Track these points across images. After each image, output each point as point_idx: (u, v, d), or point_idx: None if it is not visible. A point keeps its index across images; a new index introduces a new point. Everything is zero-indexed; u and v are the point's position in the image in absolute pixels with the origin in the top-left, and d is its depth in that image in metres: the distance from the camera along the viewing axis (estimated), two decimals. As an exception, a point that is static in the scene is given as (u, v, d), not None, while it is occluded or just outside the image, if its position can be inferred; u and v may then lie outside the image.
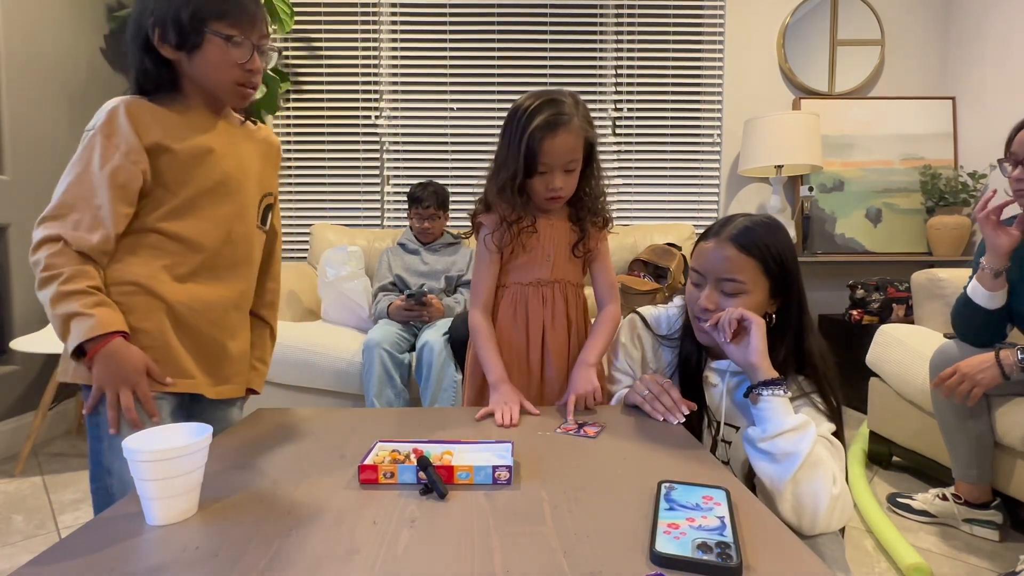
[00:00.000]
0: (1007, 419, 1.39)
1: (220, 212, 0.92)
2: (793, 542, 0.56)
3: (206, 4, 0.83)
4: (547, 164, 1.06)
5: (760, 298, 0.92)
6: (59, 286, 0.77)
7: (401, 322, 2.02)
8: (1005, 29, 2.68)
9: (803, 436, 0.79)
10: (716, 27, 2.96)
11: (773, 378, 0.84)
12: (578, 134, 1.06)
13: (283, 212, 2.97)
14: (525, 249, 1.15)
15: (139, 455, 0.59)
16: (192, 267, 0.90)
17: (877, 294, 2.48)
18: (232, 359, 0.97)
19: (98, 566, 0.52)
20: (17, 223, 2.08)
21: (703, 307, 0.94)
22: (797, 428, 0.80)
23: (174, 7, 0.83)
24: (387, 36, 2.93)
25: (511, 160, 1.07)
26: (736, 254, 0.90)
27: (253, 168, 0.99)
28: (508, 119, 1.09)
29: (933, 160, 2.92)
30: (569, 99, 1.06)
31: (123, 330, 0.81)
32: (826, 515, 0.77)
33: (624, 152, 3.00)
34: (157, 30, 0.84)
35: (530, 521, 0.60)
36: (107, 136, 0.82)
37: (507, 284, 1.18)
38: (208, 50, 0.85)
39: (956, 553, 1.39)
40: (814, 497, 0.77)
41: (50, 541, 1.45)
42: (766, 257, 0.90)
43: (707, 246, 0.94)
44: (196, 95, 0.91)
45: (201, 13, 0.83)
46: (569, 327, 1.18)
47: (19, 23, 2.08)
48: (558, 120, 1.03)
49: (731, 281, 0.91)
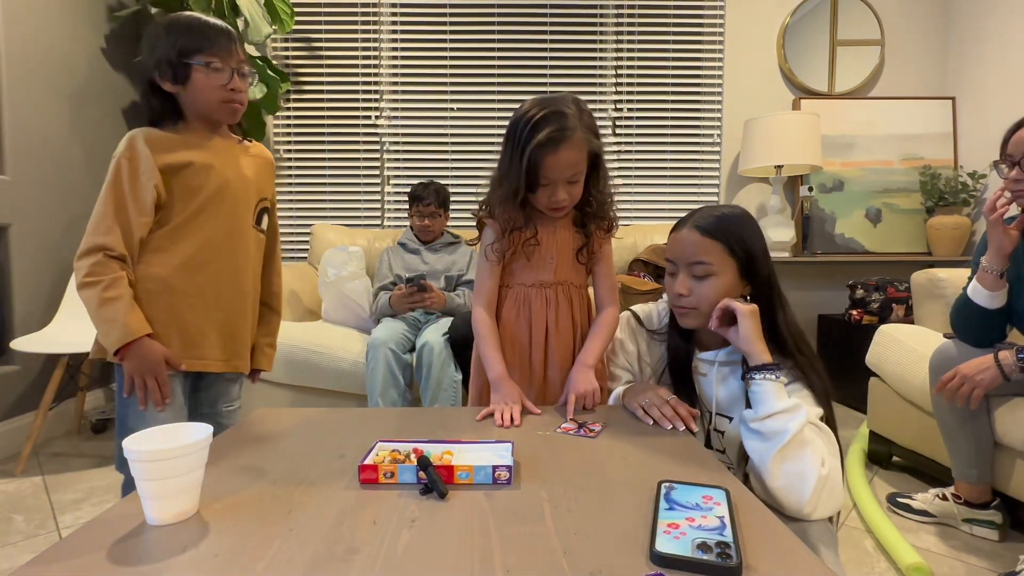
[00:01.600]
0: (1007, 419, 1.39)
1: (222, 215, 1.09)
2: (793, 542, 0.56)
3: (187, 43, 1.03)
4: (549, 178, 1.05)
5: (730, 279, 0.97)
6: (100, 292, 0.96)
7: (403, 312, 2.02)
8: (1005, 29, 2.68)
9: (792, 416, 0.82)
10: (716, 27, 2.96)
11: (766, 363, 0.87)
12: (581, 147, 1.04)
13: (283, 212, 2.98)
14: (527, 254, 1.15)
15: (139, 455, 0.59)
16: (202, 262, 1.08)
17: (877, 294, 2.48)
18: (238, 339, 1.16)
19: (98, 566, 0.52)
20: (17, 223, 2.08)
21: (677, 292, 0.99)
22: (787, 410, 0.82)
23: (165, 51, 1.03)
24: (387, 36, 2.93)
25: (513, 175, 1.06)
26: (700, 238, 0.97)
27: (249, 177, 1.16)
28: (510, 130, 1.07)
29: (933, 160, 2.92)
30: (572, 109, 1.04)
31: (147, 332, 1.00)
32: (813, 495, 0.77)
33: (624, 152, 3.00)
34: (156, 71, 1.04)
35: (530, 521, 0.60)
36: (128, 160, 1.00)
37: (511, 285, 1.18)
38: (195, 79, 1.04)
39: (956, 553, 1.39)
40: (801, 476, 0.78)
41: (50, 541, 1.45)
42: (729, 239, 0.96)
43: (676, 236, 1.01)
44: (195, 120, 1.09)
45: (184, 51, 1.03)
46: (574, 329, 1.17)
47: (19, 23, 2.08)
48: (560, 136, 1.01)
49: (699, 264, 0.97)
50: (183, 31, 1.04)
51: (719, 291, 0.96)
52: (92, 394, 2.45)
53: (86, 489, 1.76)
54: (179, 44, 1.02)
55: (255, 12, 2.37)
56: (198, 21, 1.06)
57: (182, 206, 1.05)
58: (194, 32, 1.04)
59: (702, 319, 0.98)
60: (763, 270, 0.98)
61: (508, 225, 1.11)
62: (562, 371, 1.15)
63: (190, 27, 1.04)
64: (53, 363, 2.04)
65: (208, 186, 1.07)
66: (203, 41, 1.04)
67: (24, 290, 2.11)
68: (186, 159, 1.05)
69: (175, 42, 1.02)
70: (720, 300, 0.95)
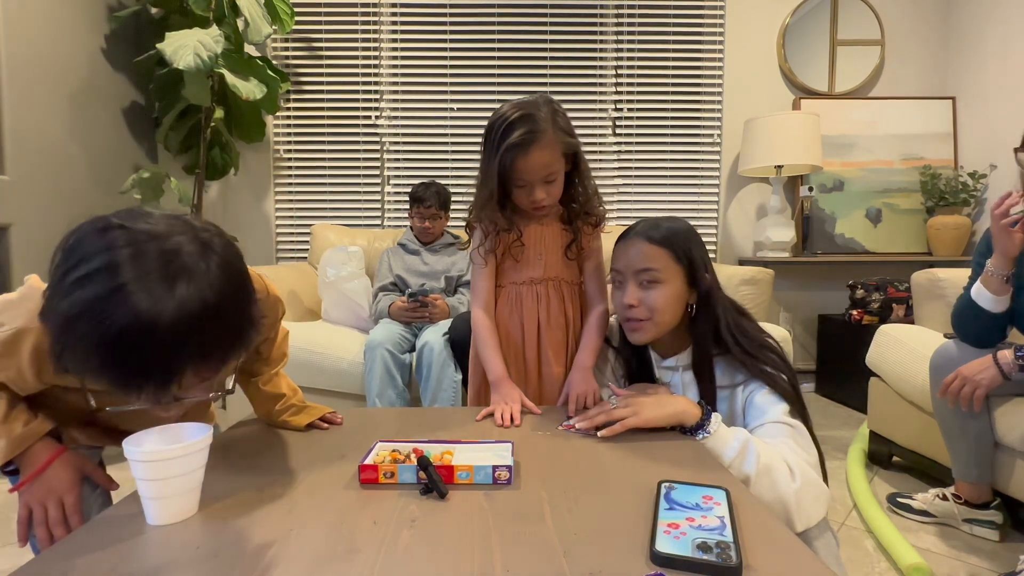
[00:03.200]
0: (1007, 419, 1.39)
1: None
2: (793, 542, 0.56)
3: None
4: (524, 179, 1.07)
5: (677, 287, 0.97)
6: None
7: (403, 323, 2.02)
8: (1005, 29, 2.68)
9: (746, 457, 0.81)
10: (716, 27, 2.96)
11: (697, 421, 0.86)
12: (553, 147, 1.05)
13: (283, 212, 2.98)
14: (515, 254, 1.16)
15: (139, 455, 0.59)
16: None
17: (877, 294, 2.48)
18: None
19: (98, 566, 0.52)
20: (18, 223, 2.08)
21: (627, 304, 0.98)
22: (739, 453, 0.81)
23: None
24: (387, 36, 2.93)
25: (488, 178, 1.08)
26: (647, 245, 0.98)
27: None
28: (485, 134, 1.09)
29: (933, 160, 2.92)
30: (544, 110, 1.04)
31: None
32: (796, 513, 0.78)
33: (624, 152, 3.00)
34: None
35: (530, 521, 0.60)
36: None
37: (503, 284, 1.20)
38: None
39: (956, 553, 1.39)
40: (779, 502, 0.78)
41: (50, 541, 1.45)
42: (675, 247, 0.97)
43: (622, 245, 1.02)
44: None
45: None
46: (567, 325, 1.18)
47: (19, 23, 2.08)
48: (529, 139, 1.02)
49: (647, 271, 0.97)
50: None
51: (667, 299, 0.97)
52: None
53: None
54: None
55: (255, 12, 2.37)
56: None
57: None
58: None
59: (652, 332, 0.98)
60: (704, 281, 0.98)
61: (490, 228, 1.13)
62: (557, 366, 1.16)
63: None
64: (53, 363, 2.04)
65: None
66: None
67: (24, 290, 2.11)
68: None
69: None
70: (669, 308, 0.97)
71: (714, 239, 3.04)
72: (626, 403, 0.90)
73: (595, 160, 2.97)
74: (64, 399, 0.79)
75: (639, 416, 0.86)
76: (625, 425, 0.86)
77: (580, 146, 1.12)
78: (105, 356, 0.52)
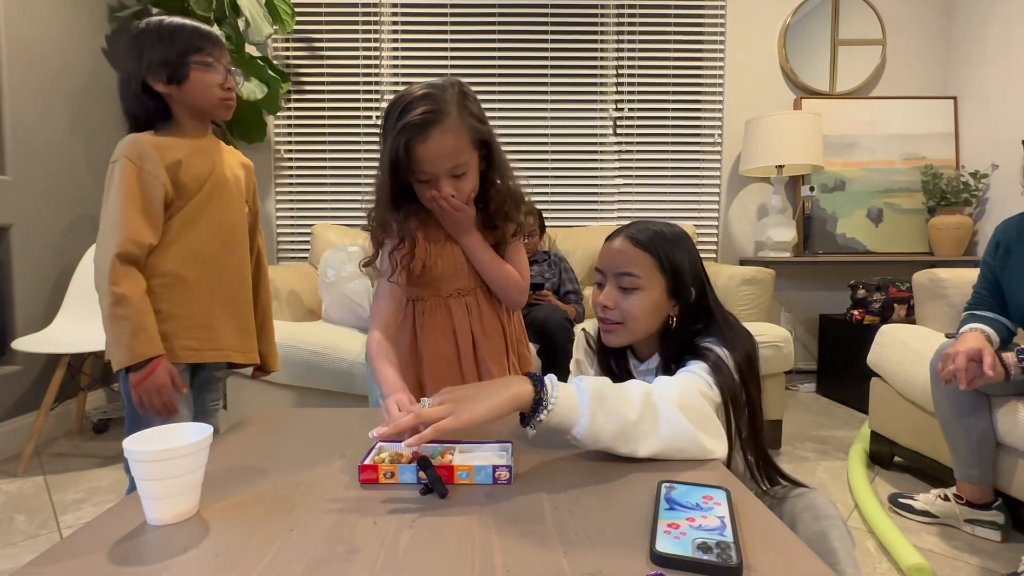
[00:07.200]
0: (1008, 419, 1.39)
1: (223, 208, 1.13)
2: (794, 542, 0.56)
3: (186, 43, 1.05)
4: (427, 171, 0.93)
5: (656, 296, 0.91)
6: (111, 308, 0.98)
7: None
8: (1006, 29, 2.68)
9: (606, 419, 0.72)
10: (717, 27, 2.96)
11: (534, 399, 0.71)
12: (458, 132, 0.92)
13: (283, 212, 2.98)
14: (429, 266, 1.04)
15: (139, 455, 0.59)
16: (211, 255, 1.11)
17: (878, 294, 2.47)
18: (249, 331, 1.19)
19: (98, 566, 0.52)
20: (19, 223, 2.08)
21: (602, 304, 0.93)
22: (592, 416, 0.71)
23: (163, 52, 1.04)
24: (388, 36, 2.93)
25: (381, 170, 0.94)
26: (631, 248, 0.91)
27: (239, 175, 1.20)
28: (383, 116, 0.94)
29: (935, 160, 2.92)
30: (450, 90, 0.92)
31: (152, 356, 1.00)
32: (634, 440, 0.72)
33: (625, 152, 3.00)
34: (149, 73, 1.05)
35: (530, 521, 0.60)
36: (133, 161, 1.02)
37: (425, 298, 1.07)
38: (194, 77, 1.06)
39: (958, 554, 1.39)
40: (678, 429, 0.73)
41: (52, 541, 1.45)
42: (659, 254, 0.91)
43: (608, 245, 0.96)
44: (187, 119, 1.10)
45: (183, 51, 1.05)
46: (504, 331, 1.11)
47: (20, 23, 2.08)
48: (429, 119, 0.88)
49: (627, 275, 0.91)
50: (179, 31, 1.06)
51: (644, 307, 0.91)
52: (93, 394, 2.46)
53: (87, 489, 1.76)
54: (178, 44, 1.05)
55: (255, 12, 2.37)
56: (190, 23, 1.08)
57: (187, 201, 1.08)
58: (190, 33, 1.07)
59: (627, 337, 0.93)
60: (688, 294, 0.92)
61: (380, 235, 1.00)
62: (499, 374, 1.07)
63: (184, 28, 1.07)
64: (54, 363, 2.04)
65: (209, 181, 1.10)
66: (202, 41, 1.07)
67: (25, 290, 2.11)
68: (186, 156, 1.07)
69: (173, 42, 1.04)
70: (644, 317, 0.91)
71: (715, 239, 3.04)
72: (440, 402, 0.71)
73: (595, 160, 2.98)
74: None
75: (458, 417, 0.67)
76: (439, 430, 0.66)
77: (493, 136, 0.98)
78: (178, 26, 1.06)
